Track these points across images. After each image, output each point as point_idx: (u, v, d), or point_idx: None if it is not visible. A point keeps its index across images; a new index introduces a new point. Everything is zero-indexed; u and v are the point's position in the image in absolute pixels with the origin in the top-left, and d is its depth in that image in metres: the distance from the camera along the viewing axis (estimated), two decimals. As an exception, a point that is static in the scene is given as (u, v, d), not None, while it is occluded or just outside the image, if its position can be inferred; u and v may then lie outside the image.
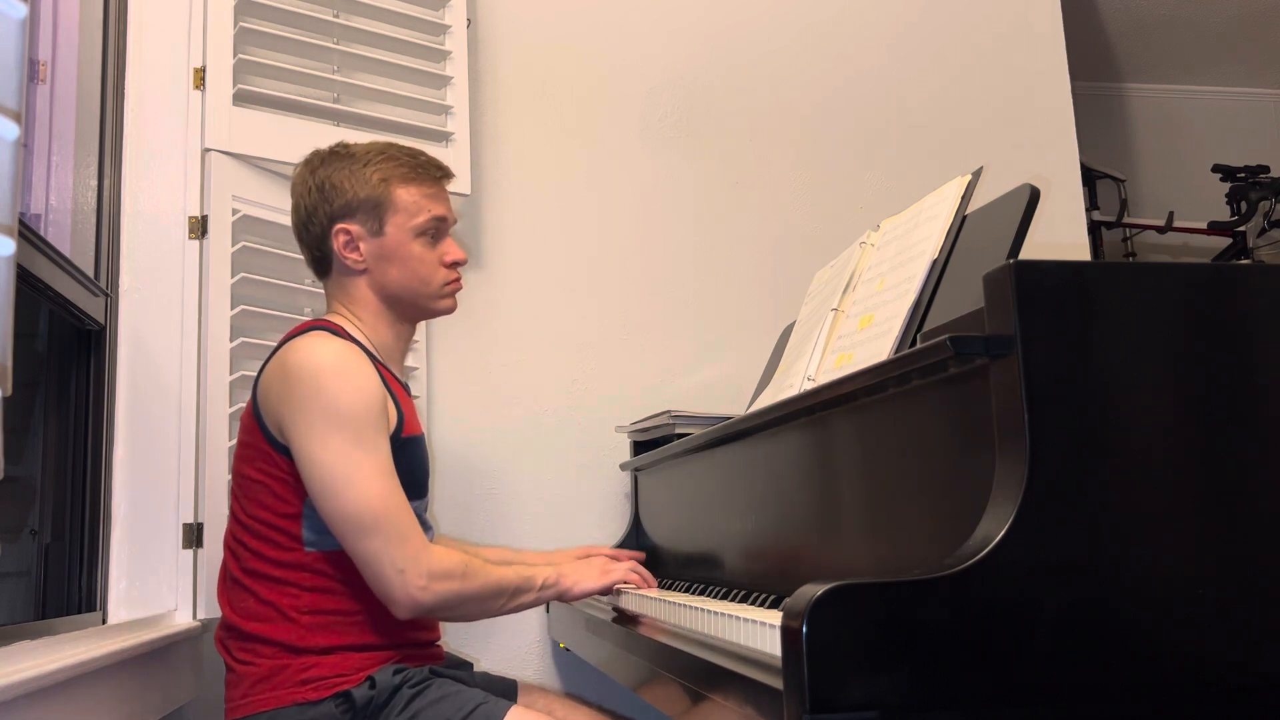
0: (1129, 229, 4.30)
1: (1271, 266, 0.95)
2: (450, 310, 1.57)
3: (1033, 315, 0.88)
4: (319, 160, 1.53)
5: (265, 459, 1.41)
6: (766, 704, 0.86)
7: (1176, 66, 4.41)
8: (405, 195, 1.50)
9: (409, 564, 1.33)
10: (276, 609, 1.39)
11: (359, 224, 1.49)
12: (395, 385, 1.50)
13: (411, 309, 1.54)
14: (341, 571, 1.41)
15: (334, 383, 1.36)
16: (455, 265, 1.54)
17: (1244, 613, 0.87)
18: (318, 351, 1.38)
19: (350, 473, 1.34)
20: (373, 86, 2.11)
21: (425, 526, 1.53)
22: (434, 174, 1.54)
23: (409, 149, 1.55)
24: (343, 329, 1.48)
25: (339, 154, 1.53)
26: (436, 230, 1.52)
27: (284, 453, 1.39)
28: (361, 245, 1.49)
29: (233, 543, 1.46)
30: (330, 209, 1.49)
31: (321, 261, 1.53)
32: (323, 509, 1.36)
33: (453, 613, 1.42)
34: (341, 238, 1.49)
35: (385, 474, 1.36)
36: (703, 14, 2.61)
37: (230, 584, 1.45)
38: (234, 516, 1.46)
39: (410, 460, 1.47)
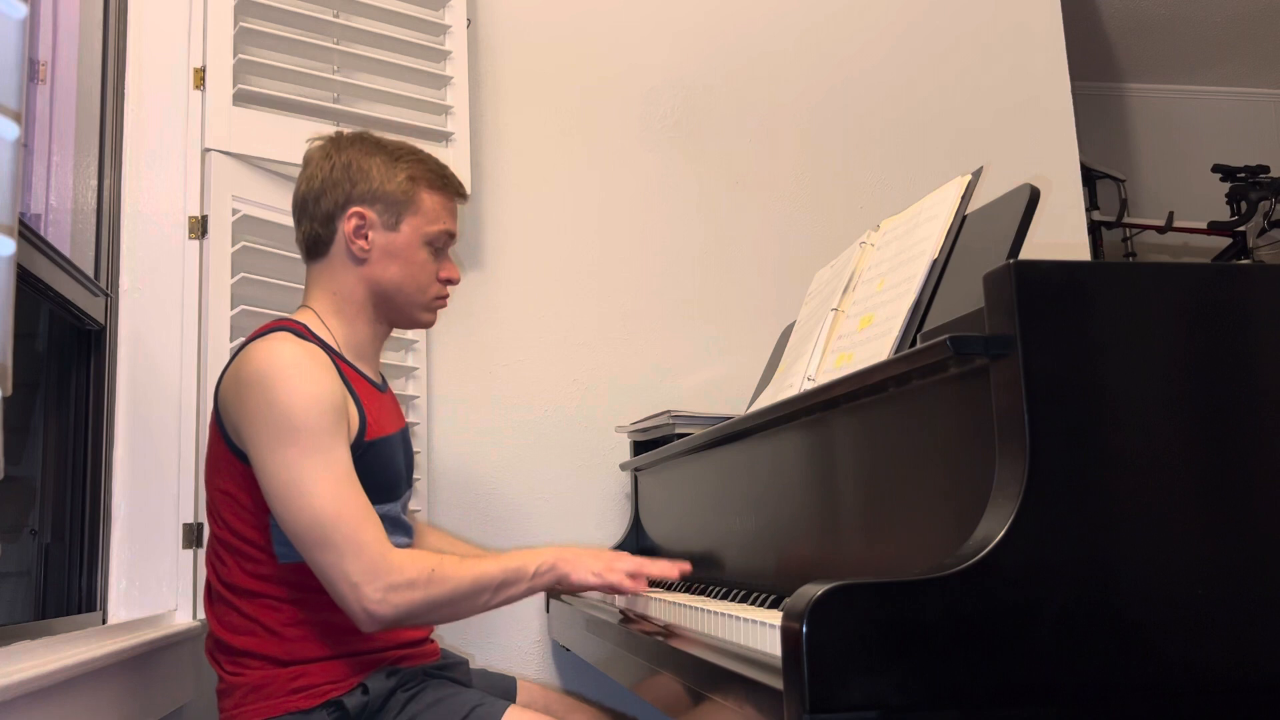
0: (1129, 229, 4.30)
1: (1271, 266, 0.95)
2: (429, 324, 1.56)
3: (1033, 315, 0.88)
4: (346, 140, 1.50)
5: (230, 468, 1.38)
6: (766, 704, 0.86)
7: (1176, 66, 4.41)
8: (429, 201, 1.49)
9: (363, 577, 1.26)
10: (259, 624, 1.36)
11: (376, 214, 1.46)
12: (362, 385, 1.46)
13: (396, 312, 1.51)
14: (317, 581, 1.34)
15: (285, 390, 1.31)
16: (448, 283, 1.54)
17: (1244, 613, 0.87)
18: (271, 356, 1.34)
19: (301, 483, 1.28)
20: (373, 86, 2.11)
21: (401, 528, 1.49)
22: (457, 188, 1.55)
23: (436, 158, 1.55)
24: (307, 328, 1.43)
25: (368, 140, 1.51)
26: (444, 244, 1.52)
27: (245, 460, 1.36)
28: (371, 234, 1.46)
29: (213, 556, 1.42)
30: (351, 190, 1.46)
31: (318, 241, 1.49)
32: (280, 521, 1.31)
33: (422, 620, 1.34)
34: (354, 222, 1.45)
35: (340, 482, 1.30)
36: (703, 15, 2.61)
37: (215, 598, 1.42)
38: (213, 532, 1.43)
39: (377, 463, 1.42)
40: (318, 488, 1.28)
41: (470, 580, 1.33)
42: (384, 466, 1.45)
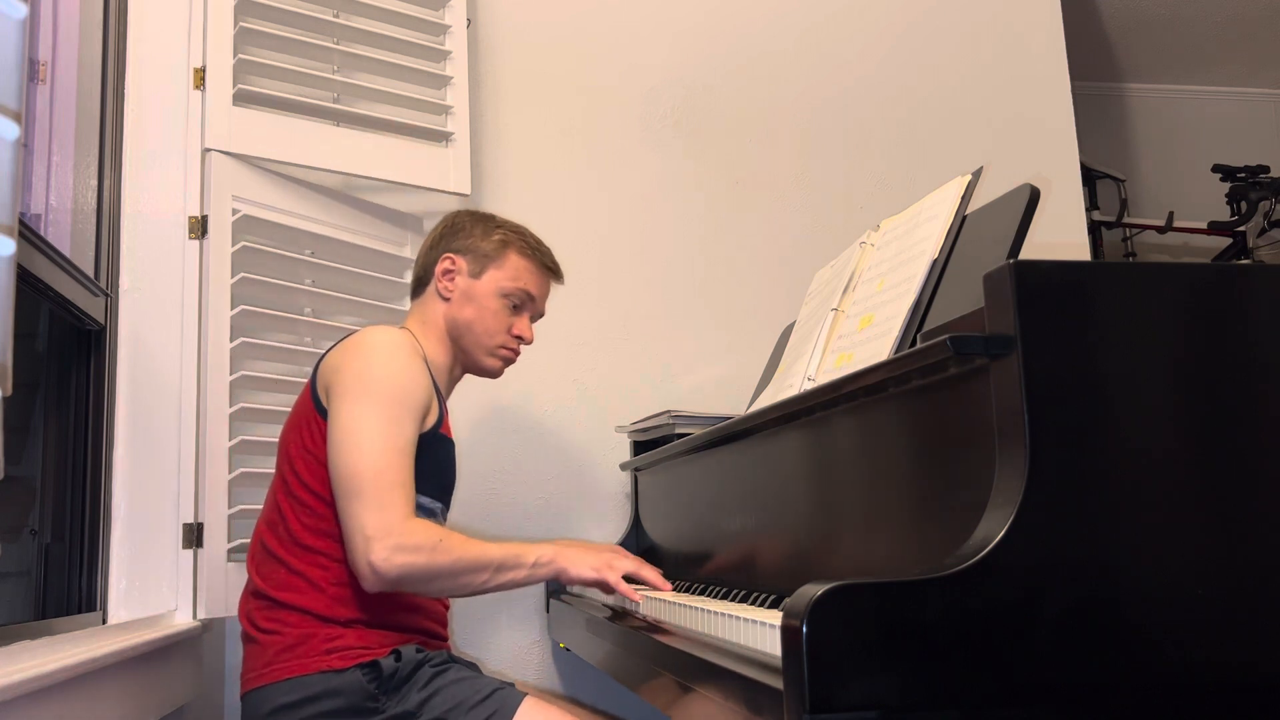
0: (1129, 229, 4.30)
1: (1271, 266, 0.95)
2: (494, 373, 1.71)
3: (1033, 315, 0.88)
4: (466, 211, 1.74)
5: (311, 423, 1.50)
6: (766, 704, 0.86)
7: (1176, 66, 4.41)
8: (515, 261, 1.68)
9: (378, 532, 1.36)
10: (306, 578, 1.46)
11: (466, 261, 1.67)
12: (440, 392, 1.62)
13: (464, 353, 1.68)
14: None
15: (386, 359, 1.48)
16: (519, 340, 1.69)
17: (1244, 613, 0.87)
18: (383, 334, 1.52)
19: (361, 435, 1.41)
20: (373, 86, 2.10)
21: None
22: (549, 262, 1.72)
23: (541, 241, 1.73)
24: (411, 336, 1.60)
25: (484, 214, 1.73)
26: (521, 302, 1.69)
27: (324, 415, 1.48)
28: (457, 279, 1.66)
29: (273, 514, 1.52)
30: (451, 242, 1.68)
31: (421, 281, 1.71)
32: (330, 464, 1.43)
33: (422, 587, 1.43)
34: (445, 264, 1.67)
35: (395, 449, 1.42)
36: (703, 15, 2.61)
37: (262, 554, 1.51)
38: (278, 485, 1.53)
39: (443, 457, 1.58)
40: (373, 444, 1.41)
41: (473, 556, 1.43)
42: (447, 464, 1.61)
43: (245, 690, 1.46)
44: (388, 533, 1.36)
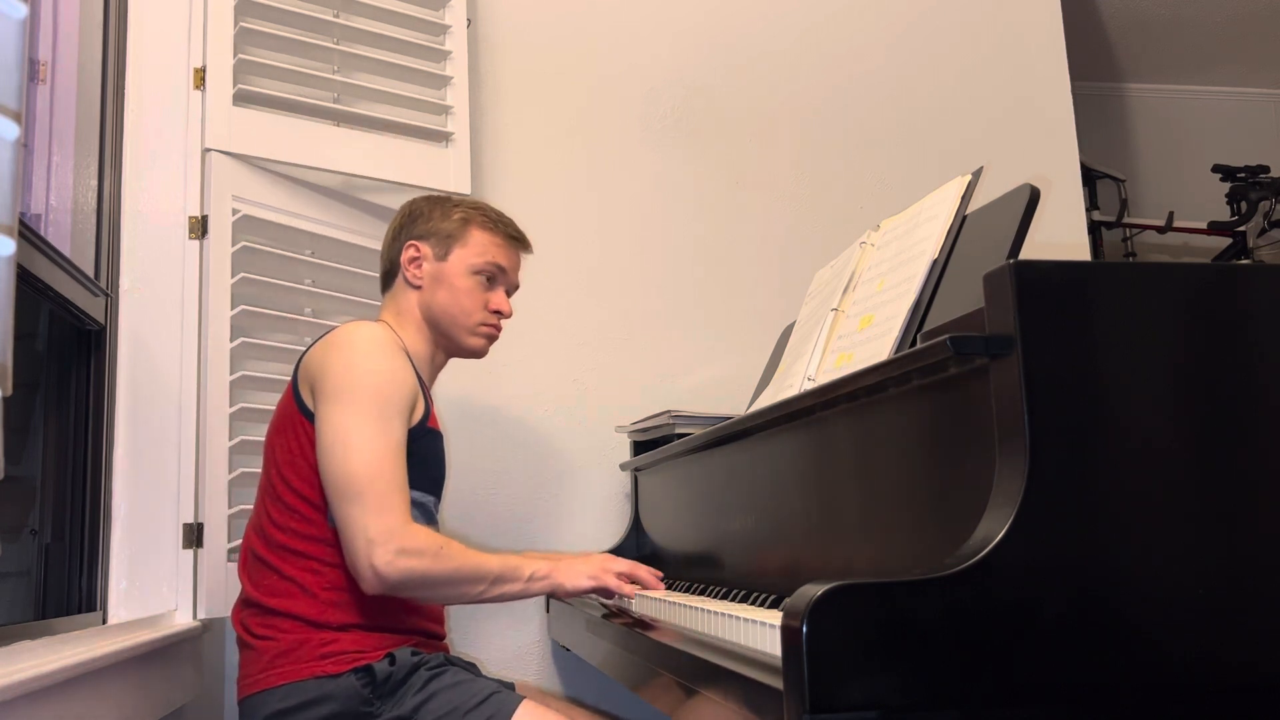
0: (1129, 229, 4.30)
1: (1271, 266, 0.95)
2: (479, 352, 1.68)
3: (1033, 315, 0.88)
4: (423, 197, 1.72)
5: (296, 427, 1.49)
6: (766, 704, 0.86)
7: (1176, 66, 4.41)
8: (478, 236, 1.65)
9: (380, 535, 1.35)
10: (298, 584, 1.45)
11: (429, 246, 1.64)
12: (424, 385, 1.59)
13: (446, 337, 1.65)
14: None
15: (369, 358, 1.46)
16: (498, 314, 1.67)
17: (1244, 613, 0.87)
18: (363, 330, 1.50)
19: (353, 438, 1.40)
20: (373, 86, 2.10)
21: (433, 523, 1.58)
22: (513, 232, 1.69)
23: (501, 212, 1.70)
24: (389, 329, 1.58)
25: (441, 196, 1.72)
26: (493, 276, 1.66)
27: (311, 418, 1.47)
28: (424, 265, 1.64)
29: (262, 519, 1.51)
30: (412, 229, 1.66)
31: (388, 274, 1.69)
32: (321, 470, 1.42)
33: (421, 593, 1.43)
34: (410, 252, 1.64)
35: (388, 449, 1.41)
36: (704, 15, 2.61)
37: (253, 561, 1.50)
38: (265, 491, 1.52)
39: (432, 452, 1.56)
40: (366, 446, 1.40)
41: (471, 566, 1.43)
42: (436, 457, 1.59)
43: (242, 696, 1.46)
44: (390, 536, 1.35)
